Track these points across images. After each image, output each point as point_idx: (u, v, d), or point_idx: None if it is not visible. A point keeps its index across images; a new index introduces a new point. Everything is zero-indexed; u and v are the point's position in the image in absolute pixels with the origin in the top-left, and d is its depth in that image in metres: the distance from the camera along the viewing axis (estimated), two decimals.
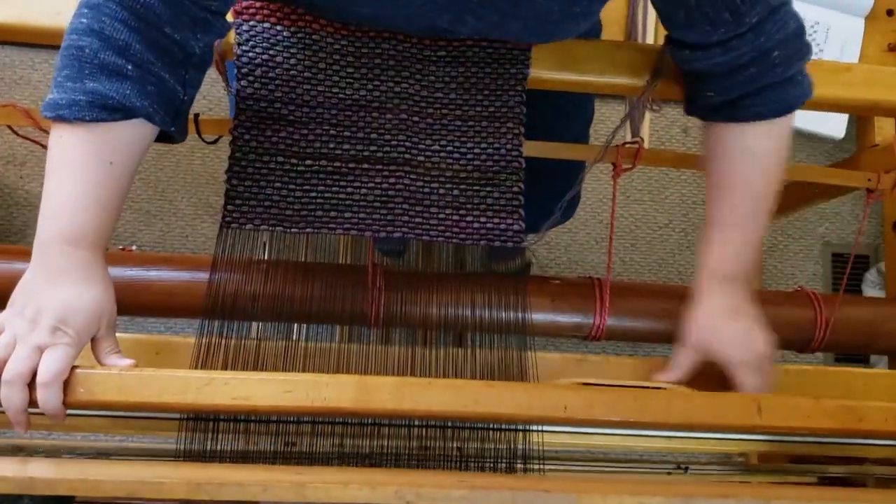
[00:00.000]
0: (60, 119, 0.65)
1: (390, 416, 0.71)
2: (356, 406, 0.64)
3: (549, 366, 0.87)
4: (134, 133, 0.69)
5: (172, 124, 0.71)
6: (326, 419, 0.73)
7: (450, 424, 0.74)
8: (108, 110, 0.65)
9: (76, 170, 0.66)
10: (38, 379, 0.61)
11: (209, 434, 0.71)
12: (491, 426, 0.74)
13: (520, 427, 0.73)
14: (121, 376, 0.63)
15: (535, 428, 0.74)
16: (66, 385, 0.62)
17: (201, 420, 0.71)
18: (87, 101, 0.65)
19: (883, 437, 0.73)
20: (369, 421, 0.74)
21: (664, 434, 0.81)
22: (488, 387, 0.67)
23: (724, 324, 0.80)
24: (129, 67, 0.66)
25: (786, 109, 0.77)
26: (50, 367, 0.61)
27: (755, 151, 0.79)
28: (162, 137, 0.74)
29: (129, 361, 0.66)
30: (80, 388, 0.62)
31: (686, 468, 0.95)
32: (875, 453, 0.87)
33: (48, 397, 0.61)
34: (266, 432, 0.73)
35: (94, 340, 0.67)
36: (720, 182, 0.81)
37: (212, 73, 1.58)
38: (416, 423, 0.74)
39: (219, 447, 0.71)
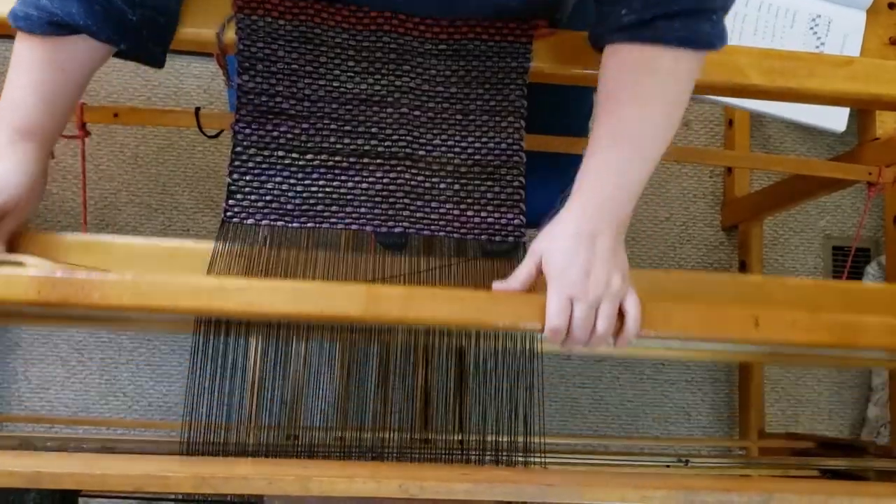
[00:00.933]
0: (19, 29, 0.74)
1: (397, 323, 0.72)
2: (364, 314, 0.66)
3: None
4: (84, 47, 0.76)
5: (122, 41, 0.77)
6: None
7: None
8: (55, 26, 0.73)
9: (31, 71, 0.75)
10: None
11: (222, 338, 0.73)
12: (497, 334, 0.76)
13: (522, 334, 0.74)
14: (134, 281, 0.65)
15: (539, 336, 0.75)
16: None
17: (215, 323, 0.73)
18: (37, 16, 0.73)
19: (878, 350, 0.74)
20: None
21: (663, 345, 0.82)
22: (492, 298, 0.70)
23: (565, 243, 0.71)
24: None
25: (697, 42, 0.72)
26: None
27: (659, 74, 0.73)
28: (138, 58, 0.82)
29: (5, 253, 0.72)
30: (96, 293, 0.64)
31: (687, 461, 0.95)
32: (870, 364, 0.88)
33: None
34: (273, 336, 0.75)
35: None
36: (613, 94, 0.74)
37: (212, 67, 1.58)
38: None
39: (230, 357, 0.73)
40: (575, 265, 0.70)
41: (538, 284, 0.72)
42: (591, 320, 0.69)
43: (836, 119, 1.35)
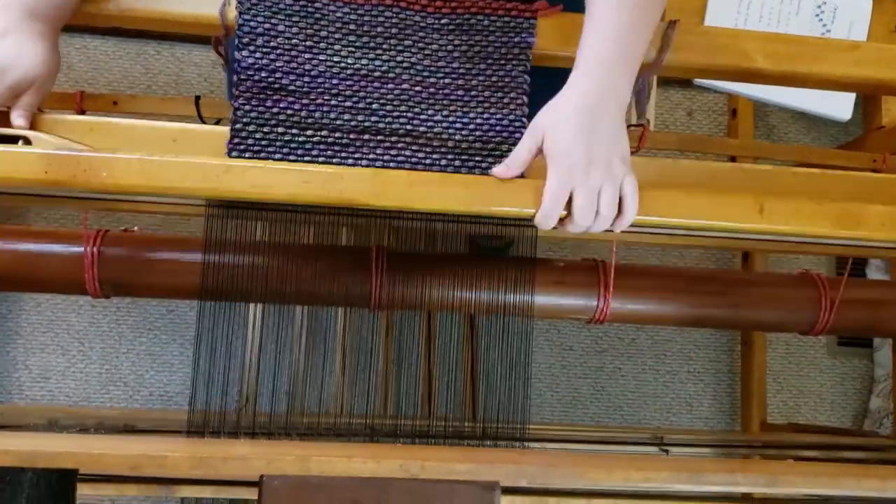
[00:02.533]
0: None
1: (404, 209, 0.72)
2: (371, 199, 0.67)
3: None
4: None
5: None
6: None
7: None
8: None
9: None
10: None
11: (230, 221, 0.75)
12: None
13: (527, 223, 0.74)
14: (141, 161, 0.65)
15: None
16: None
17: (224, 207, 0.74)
18: None
19: (880, 241, 0.74)
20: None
21: (667, 232, 0.82)
22: (498, 185, 0.70)
23: (568, 122, 0.70)
24: None
25: None
26: None
27: None
28: None
29: (26, 129, 0.72)
30: (103, 172, 0.64)
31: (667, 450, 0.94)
32: (871, 254, 0.88)
33: None
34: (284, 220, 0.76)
35: (18, 97, 0.74)
36: None
37: (213, 56, 1.57)
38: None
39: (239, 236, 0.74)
40: (577, 147, 0.68)
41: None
42: (593, 204, 0.69)
43: (841, 107, 1.35)
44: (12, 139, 0.70)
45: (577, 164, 0.68)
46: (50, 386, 1.51)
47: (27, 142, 0.70)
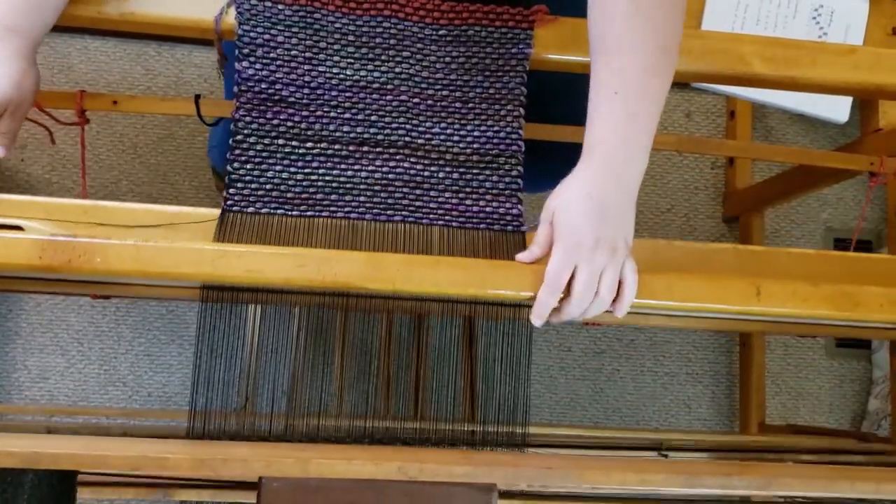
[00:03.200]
0: None
1: (398, 293, 0.72)
2: (365, 282, 0.67)
3: None
4: None
5: None
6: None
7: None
8: None
9: None
10: None
11: (226, 305, 0.74)
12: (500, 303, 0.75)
13: (526, 304, 0.73)
14: (136, 247, 0.66)
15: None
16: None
17: (218, 290, 0.73)
18: None
19: (878, 322, 0.75)
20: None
21: (665, 313, 0.82)
22: (494, 266, 0.69)
23: (578, 203, 0.69)
24: None
25: None
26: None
27: (641, 10, 0.69)
28: None
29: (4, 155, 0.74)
30: (98, 258, 0.65)
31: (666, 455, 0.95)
32: (871, 335, 0.88)
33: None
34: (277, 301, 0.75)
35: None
36: (601, 42, 0.72)
37: (213, 56, 1.57)
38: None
39: (234, 319, 0.74)
40: (585, 227, 0.68)
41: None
42: (594, 285, 0.68)
43: (838, 110, 1.35)
44: (6, 227, 0.70)
45: (583, 243, 0.68)
46: (49, 386, 1.51)
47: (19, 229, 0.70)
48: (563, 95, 0.99)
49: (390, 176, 0.79)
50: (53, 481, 0.51)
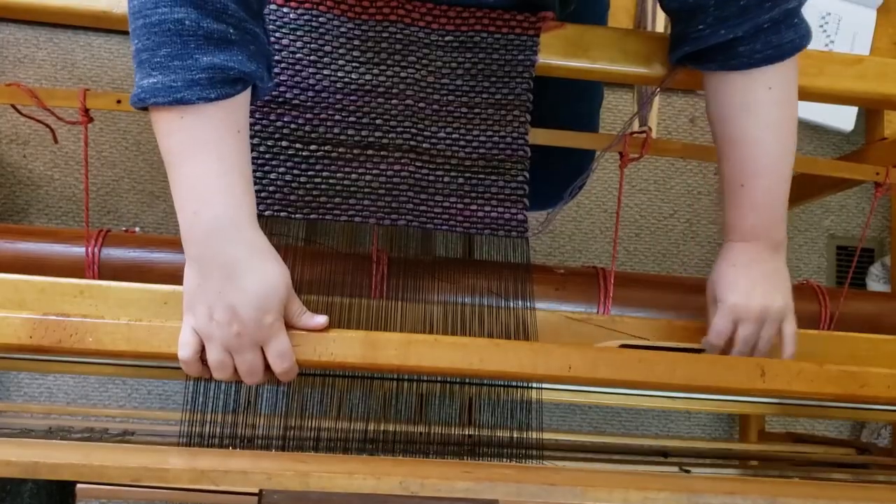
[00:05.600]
0: (180, 103, 0.60)
1: (396, 372, 0.72)
2: (362, 361, 0.66)
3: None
4: (248, 97, 0.65)
5: (270, 79, 0.68)
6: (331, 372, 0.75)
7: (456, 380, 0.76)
8: (230, 83, 0.61)
9: (214, 149, 0.62)
10: (277, 371, 0.64)
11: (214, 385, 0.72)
12: (498, 383, 0.75)
13: (526, 384, 0.74)
14: (129, 327, 0.64)
15: (540, 385, 0.75)
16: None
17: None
18: (207, 77, 0.60)
19: (885, 403, 0.75)
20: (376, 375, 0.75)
21: (668, 395, 0.82)
22: (494, 345, 0.68)
23: (735, 273, 0.79)
24: (231, 31, 0.61)
25: (782, 54, 0.74)
26: (281, 358, 0.64)
27: (756, 104, 0.76)
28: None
29: (322, 319, 0.67)
30: (89, 338, 0.64)
31: (688, 471, 0.95)
32: (877, 418, 0.88)
33: (290, 377, 0.65)
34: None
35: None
36: (726, 138, 0.79)
37: None
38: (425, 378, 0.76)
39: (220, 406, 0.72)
40: (742, 289, 0.77)
41: None
42: (753, 339, 0.77)
43: (844, 118, 1.35)
44: None
45: (739, 304, 0.77)
46: (48, 383, 1.51)
47: None
48: (563, 102, 0.99)
49: (395, 180, 0.79)
50: (52, 490, 0.51)
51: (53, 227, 1.50)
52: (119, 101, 1.19)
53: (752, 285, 0.77)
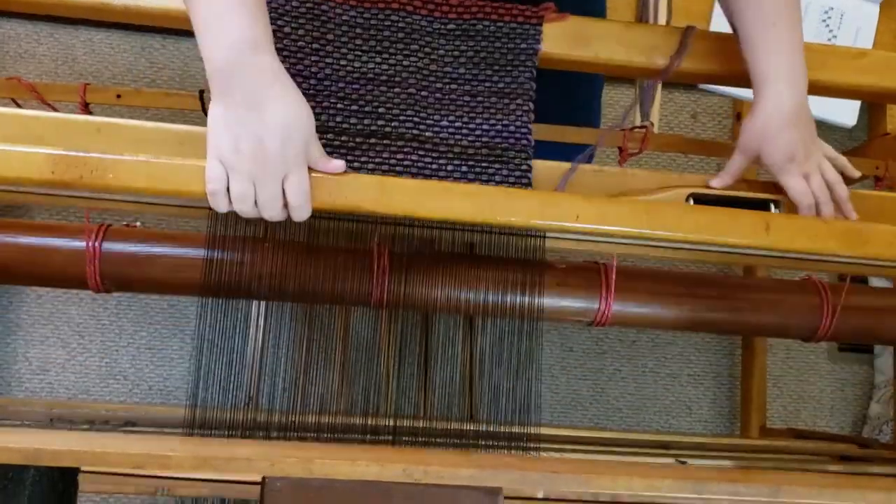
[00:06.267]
0: None
1: (409, 218, 0.72)
2: (376, 206, 0.67)
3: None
4: None
5: None
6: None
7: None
8: None
9: None
10: (292, 205, 0.65)
11: (233, 223, 0.75)
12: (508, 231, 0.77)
13: (534, 233, 0.76)
14: (148, 164, 0.65)
15: (548, 235, 0.78)
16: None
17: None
18: None
19: (887, 261, 0.76)
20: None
21: (673, 245, 0.83)
22: (505, 194, 0.70)
23: (778, 131, 0.79)
24: None
25: None
26: (298, 193, 0.65)
27: None
28: None
29: (340, 163, 0.69)
30: (110, 174, 0.65)
31: (684, 461, 0.94)
32: (878, 272, 0.90)
33: (302, 214, 0.66)
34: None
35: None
36: None
37: None
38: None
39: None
40: (797, 149, 0.78)
41: None
42: (824, 184, 0.80)
43: (846, 113, 1.35)
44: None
45: (803, 160, 0.79)
46: (49, 378, 1.51)
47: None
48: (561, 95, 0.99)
49: (398, 168, 0.79)
50: (55, 477, 0.51)
51: (54, 221, 1.50)
52: (119, 96, 1.19)
53: (801, 139, 0.79)
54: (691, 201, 0.80)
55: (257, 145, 0.63)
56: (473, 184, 0.76)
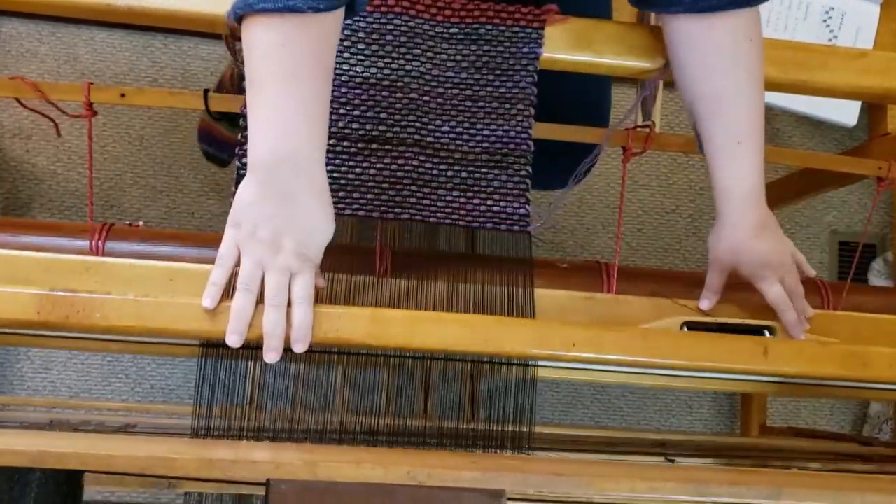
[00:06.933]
0: (289, 10, 0.60)
1: (402, 349, 0.72)
2: (368, 340, 0.67)
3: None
4: (337, 22, 0.66)
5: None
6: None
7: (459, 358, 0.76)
8: None
9: (305, 75, 0.63)
10: (295, 299, 0.64)
11: (225, 360, 0.72)
12: (503, 361, 0.75)
13: (530, 363, 0.74)
14: (136, 303, 0.65)
15: (543, 364, 0.77)
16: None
17: (218, 347, 0.71)
18: None
19: (887, 383, 0.75)
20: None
21: (671, 373, 0.83)
22: (499, 323, 0.70)
23: (748, 244, 0.80)
24: None
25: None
26: (304, 289, 0.64)
27: (743, 57, 0.76)
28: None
29: (321, 282, 0.70)
30: (97, 314, 0.64)
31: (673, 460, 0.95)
32: (878, 397, 0.89)
33: (304, 316, 0.64)
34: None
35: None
36: (714, 94, 0.78)
37: (220, 50, 1.57)
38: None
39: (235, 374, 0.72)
40: (772, 256, 0.80)
41: None
42: (800, 286, 0.82)
43: (847, 113, 1.35)
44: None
45: (780, 266, 0.80)
46: (52, 377, 1.52)
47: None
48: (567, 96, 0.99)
49: (399, 174, 0.79)
50: (60, 479, 0.51)
51: (57, 220, 1.51)
52: (123, 95, 1.19)
53: (773, 248, 0.80)
54: (685, 330, 0.80)
55: (275, 238, 0.64)
56: (468, 314, 0.76)
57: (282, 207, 0.64)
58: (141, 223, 0.96)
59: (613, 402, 1.63)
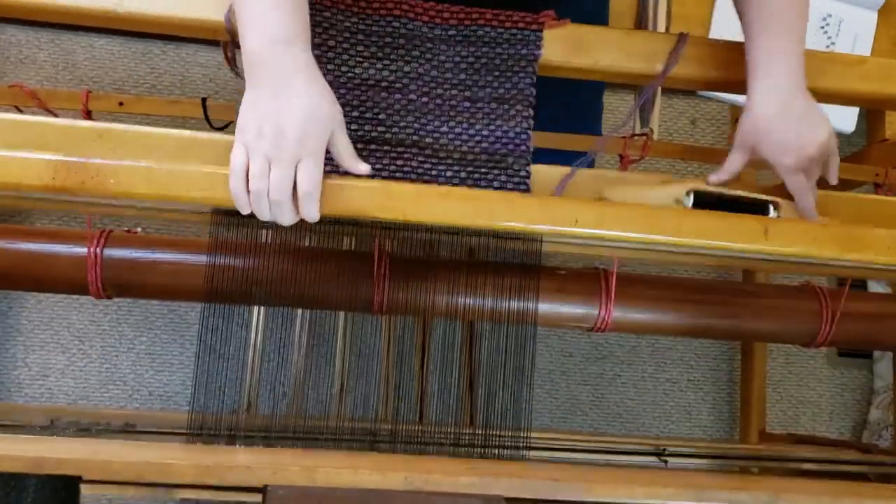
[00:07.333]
0: None
1: (410, 222, 0.73)
2: (378, 212, 0.69)
3: None
4: None
5: None
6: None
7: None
8: None
9: None
10: (301, 191, 0.66)
11: (235, 228, 0.76)
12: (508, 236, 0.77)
13: (533, 238, 0.76)
14: (149, 169, 0.66)
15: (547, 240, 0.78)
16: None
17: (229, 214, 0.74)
18: None
19: (885, 265, 0.75)
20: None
21: (673, 249, 0.83)
22: (505, 199, 0.71)
23: (769, 123, 0.78)
24: None
25: None
26: (309, 180, 0.66)
27: None
28: None
29: (366, 167, 0.71)
30: (111, 180, 0.65)
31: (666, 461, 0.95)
32: (877, 275, 0.90)
33: (310, 206, 0.67)
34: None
35: (330, 143, 0.69)
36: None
37: (219, 57, 1.57)
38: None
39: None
40: (791, 140, 0.77)
41: None
42: (817, 176, 0.80)
43: (844, 119, 1.35)
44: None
45: (800, 152, 0.78)
46: (49, 384, 1.51)
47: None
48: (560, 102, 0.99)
49: (398, 175, 0.79)
50: (57, 485, 0.51)
51: (56, 227, 1.50)
52: (121, 104, 1.19)
53: (797, 132, 0.78)
54: (691, 196, 0.80)
55: (278, 130, 0.66)
56: (472, 188, 0.77)
57: (277, 99, 0.66)
58: (139, 230, 0.96)
59: (612, 409, 1.62)
